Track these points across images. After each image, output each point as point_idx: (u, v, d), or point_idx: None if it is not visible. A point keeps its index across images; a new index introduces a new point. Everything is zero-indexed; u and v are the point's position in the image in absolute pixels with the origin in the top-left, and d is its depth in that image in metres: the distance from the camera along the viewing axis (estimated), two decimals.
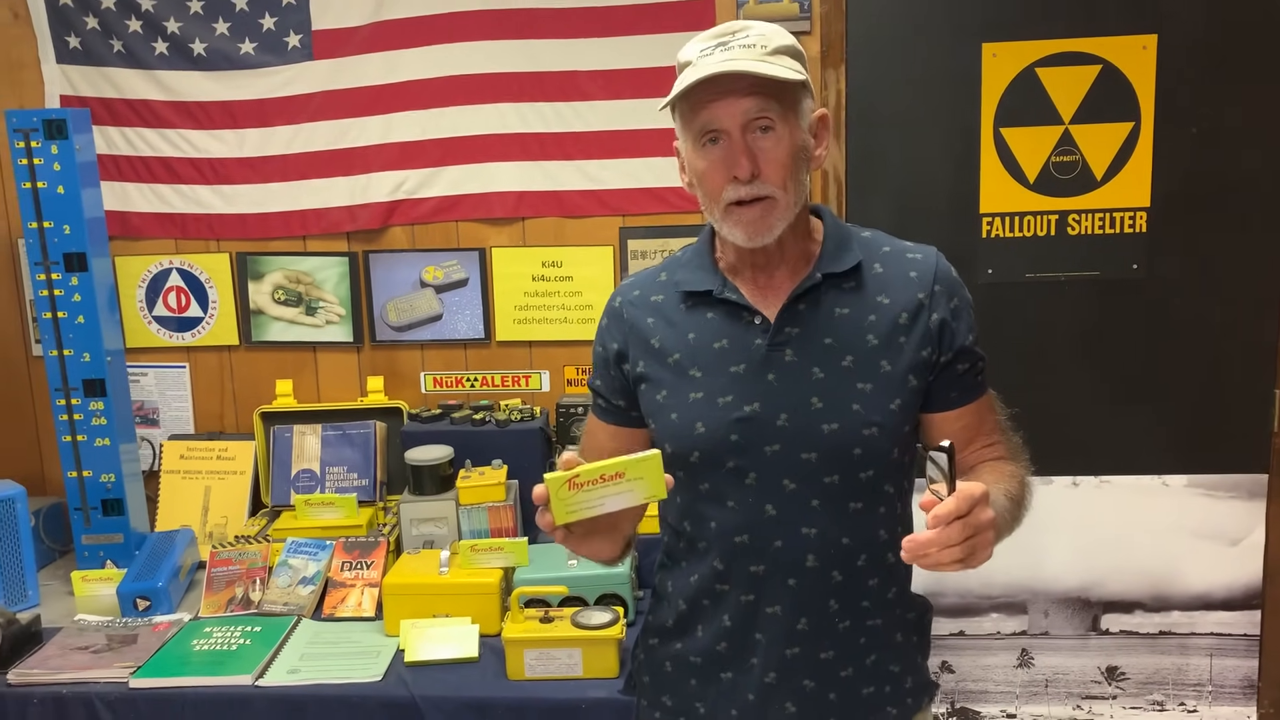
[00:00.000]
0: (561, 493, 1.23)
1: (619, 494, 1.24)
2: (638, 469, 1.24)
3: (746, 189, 1.38)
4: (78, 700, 2.02)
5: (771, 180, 1.38)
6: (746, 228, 1.40)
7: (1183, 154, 2.51)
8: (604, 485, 1.23)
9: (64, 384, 2.43)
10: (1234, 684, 2.71)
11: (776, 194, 1.39)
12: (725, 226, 1.42)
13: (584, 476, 1.23)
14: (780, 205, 1.40)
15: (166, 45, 2.67)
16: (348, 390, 2.80)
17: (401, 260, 2.73)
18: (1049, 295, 2.59)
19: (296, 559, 2.37)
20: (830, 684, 1.48)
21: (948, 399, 1.48)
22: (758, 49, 1.37)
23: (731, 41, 1.38)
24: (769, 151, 1.38)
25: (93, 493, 2.47)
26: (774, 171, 1.38)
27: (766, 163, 1.38)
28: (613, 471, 1.23)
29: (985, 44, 2.50)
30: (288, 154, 2.70)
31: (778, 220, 1.41)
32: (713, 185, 1.40)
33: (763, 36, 1.39)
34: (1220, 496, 2.65)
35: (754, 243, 1.42)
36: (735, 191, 1.39)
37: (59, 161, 2.36)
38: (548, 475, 1.24)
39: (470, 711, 1.96)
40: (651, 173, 2.62)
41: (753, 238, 1.41)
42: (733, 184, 1.38)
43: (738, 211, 1.40)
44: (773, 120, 1.37)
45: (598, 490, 1.24)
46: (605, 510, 1.25)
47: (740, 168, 1.37)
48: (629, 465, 1.23)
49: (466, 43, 2.60)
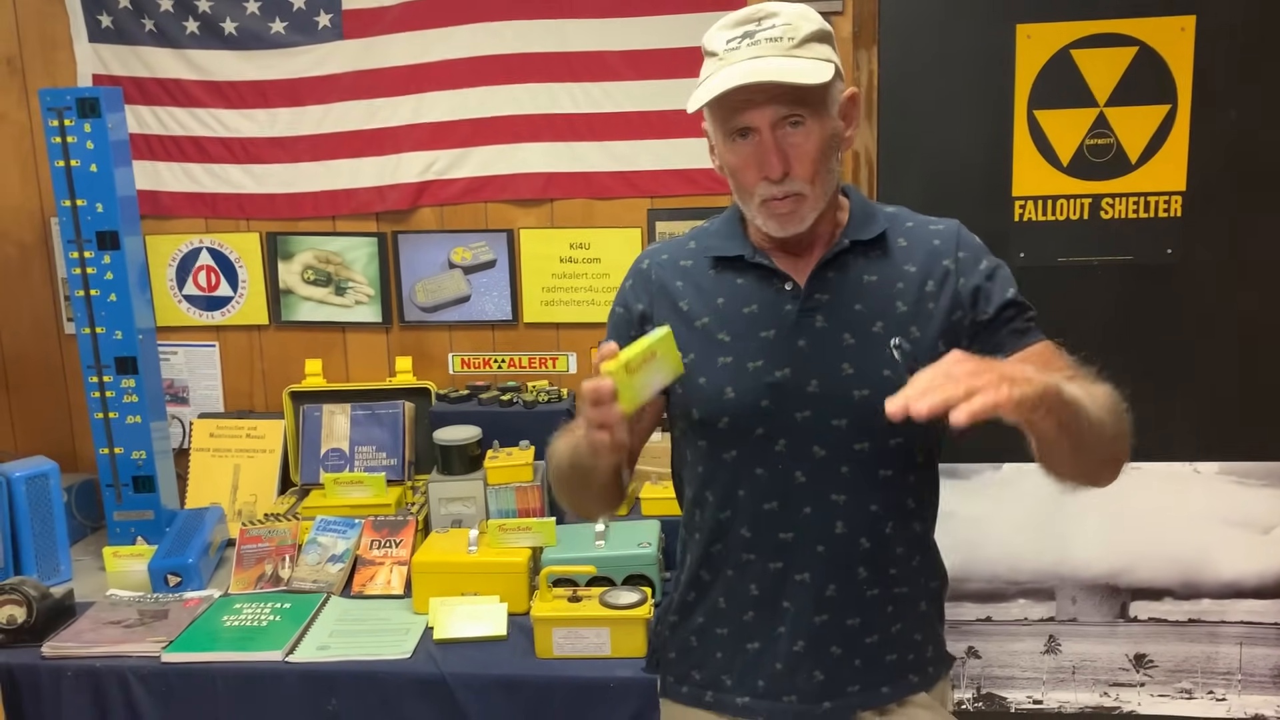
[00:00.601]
0: (623, 379, 1.24)
1: (658, 372, 1.27)
2: (662, 346, 1.27)
3: (778, 187, 1.38)
4: (111, 673, 2.04)
5: (801, 176, 1.38)
6: (780, 220, 1.41)
7: (1220, 138, 2.47)
8: (646, 365, 1.26)
9: (96, 362, 2.45)
10: (1264, 673, 2.69)
11: (805, 189, 1.39)
12: (759, 219, 1.43)
13: (635, 360, 1.25)
14: (810, 199, 1.40)
15: (197, 24, 2.67)
16: (376, 370, 2.81)
17: (430, 241, 2.73)
18: (1082, 280, 2.57)
19: (326, 537, 2.38)
20: (856, 650, 1.48)
21: (1002, 344, 1.44)
22: (784, 41, 1.35)
23: (757, 32, 1.36)
24: (799, 147, 1.37)
25: (124, 469, 2.49)
26: (804, 168, 1.38)
27: (796, 159, 1.37)
28: (649, 351, 1.26)
29: (1020, 25, 2.47)
30: (318, 134, 2.70)
31: (808, 212, 1.41)
32: (745, 181, 1.41)
33: (789, 25, 1.36)
34: (1252, 484, 2.62)
35: (785, 233, 1.42)
36: (767, 190, 1.39)
37: (92, 140, 2.37)
38: (605, 365, 1.24)
39: (499, 689, 1.97)
40: (680, 154, 2.60)
41: (784, 228, 1.42)
42: (764, 183, 1.38)
43: (770, 206, 1.40)
44: (803, 116, 1.37)
45: (644, 371, 1.26)
46: (653, 391, 1.28)
47: (772, 168, 1.37)
48: (655, 344, 1.26)
49: (496, 22, 2.59)
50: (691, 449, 1.53)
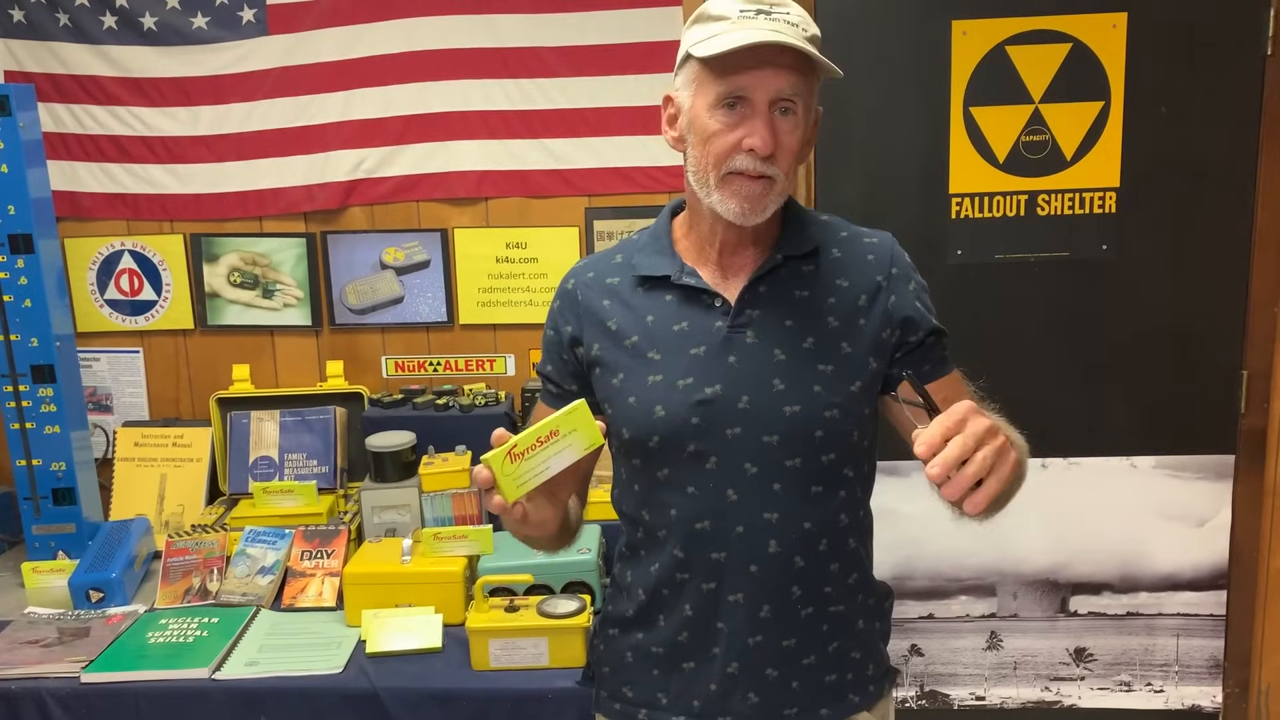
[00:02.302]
0: (505, 468, 1.22)
1: (559, 452, 1.24)
2: (569, 422, 1.24)
3: (759, 165, 1.35)
4: (28, 696, 1.96)
5: (780, 164, 1.36)
6: (743, 202, 1.37)
7: (1152, 134, 2.49)
8: (543, 448, 1.23)
9: (11, 370, 2.35)
10: (1200, 664, 2.72)
11: (779, 177, 1.37)
12: (717, 195, 1.38)
13: (521, 445, 1.22)
14: (777, 189, 1.38)
15: (115, 19, 2.58)
16: (307, 375, 2.74)
17: (361, 241, 2.67)
18: (1018, 276, 2.57)
19: (255, 548, 2.31)
20: (793, 672, 1.46)
21: (922, 374, 1.46)
22: (799, 30, 1.34)
23: (775, 13, 1.35)
24: (785, 135, 1.36)
25: (43, 482, 2.40)
26: (785, 156, 1.36)
27: (780, 145, 1.35)
28: (547, 432, 1.23)
29: (955, 21, 2.47)
30: (243, 132, 2.62)
31: (772, 203, 1.39)
32: (720, 149, 1.36)
33: (803, 19, 1.36)
34: (1187, 478, 2.65)
35: (745, 220, 1.38)
36: (748, 162, 1.35)
37: (2, 139, 2.27)
38: (485, 455, 1.22)
39: (433, 703, 1.92)
40: (618, 151, 2.57)
41: (746, 214, 1.38)
42: (746, 155, 1.34)
43: (738, 181, 1.36)
44: (796, 105, 1.35)
45: (538, 455, 1.23)
46: (551, 473, 1.24)
47: (765, 143, 1.33)
48: (559, 421, 1.23)
49: (427, 17, 2.53)
50: (626, 467, 1.51)
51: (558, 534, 1.48)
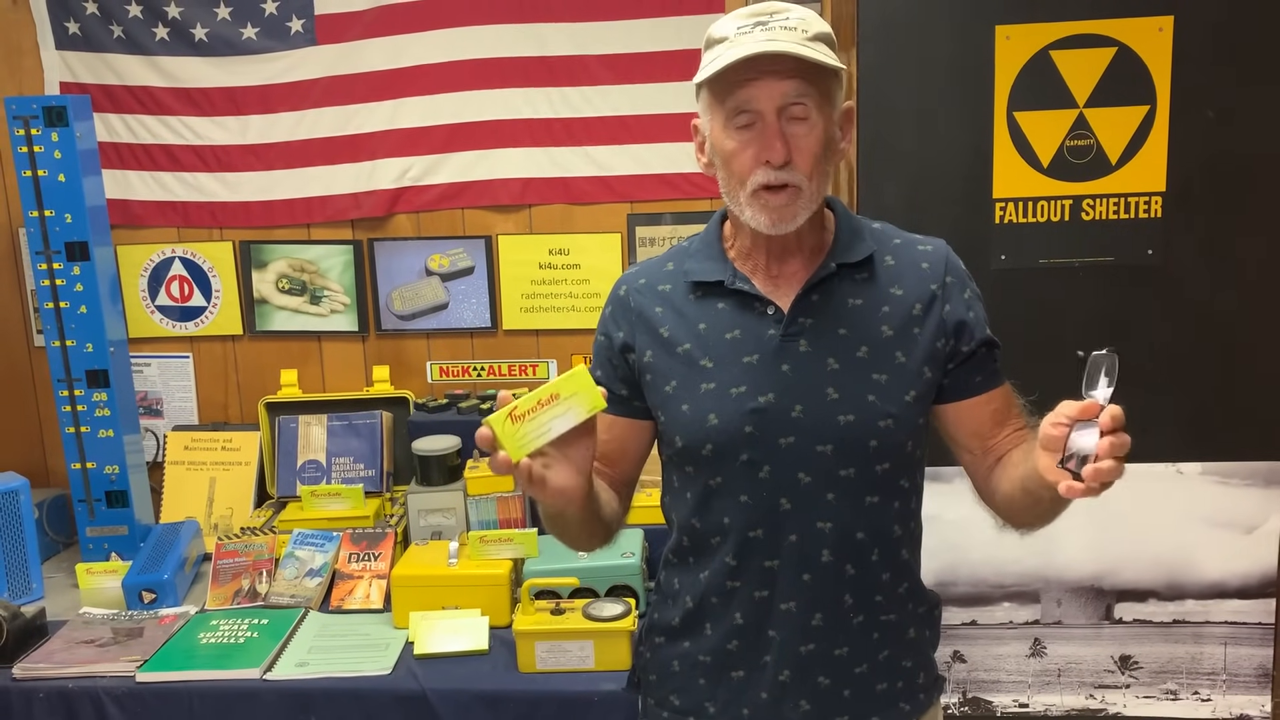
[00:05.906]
0: (506, 429, 1.23)
1: (561, 415, 1.25)
2: (570, 385, 1.25)
3: (777, 174, 1.34)
4: (84, 694, 2.00)
5: (801, 169, 1.35)
6: (771, 214, 1.37)
7: (1199, 138, 2.46)
8: (544, 410, 1.24)
9: (66, 375, 2.40)
10: (1249, 673, 2.69)
11: (803, 183, 1.36)
12: (749, 211, 1.39)
13: (522, 407, 1.23)
14: (805, 195, 1.37)
15: (167, 30, 2.63)
16: (353, 380, 2.77)
17: (407, 248, 2.70)
18: (1063, 281, 2.55)
19: (303, 550, 2.34)
20: (845, 680, 1.46)
21: (973, 384, 1.46)
22: (799, 33, 1.34)
23: (772, 22, 1.35)
24: (801, 139, 1.35)
25: (96, 484, 2.45)
26: (804, 160, 1.35)
27: (798, 151, 1.35)
28: (547, 395, 1.24)
29: (999, 26, 2.46)
30: (291, 140, 2.67)
31: (802, 209, 1.38)
32: (741, 167, 1.37)
33: (803, 20, 1.36)
34: (1235, 484, 2.62)
35: (776, 230, 1.38)
36: (765, 175, 1.35)
37: (59, 149, 2.33)
38: (487, 418, 1.24)
39: (481, 704, 1.94)
40: (660, 158, 2.58)
41: (776, 225, 1.37)
42: (763, 168, 1.35)
43: (764, 196, 1.36)
44: (807, 107, 1.35)
45: (539, 416, 1.24)
46: (554, 434, 1.25)
47: (775, 152, 1.33)
48: (560, 384, 1.25)
49: (473, 27, 2.56)
50: (678, 475, 1.51)
51: (587, 519, 1.41)
